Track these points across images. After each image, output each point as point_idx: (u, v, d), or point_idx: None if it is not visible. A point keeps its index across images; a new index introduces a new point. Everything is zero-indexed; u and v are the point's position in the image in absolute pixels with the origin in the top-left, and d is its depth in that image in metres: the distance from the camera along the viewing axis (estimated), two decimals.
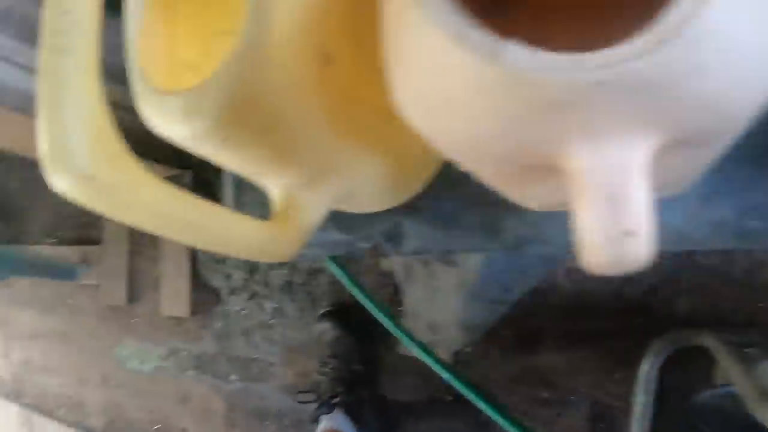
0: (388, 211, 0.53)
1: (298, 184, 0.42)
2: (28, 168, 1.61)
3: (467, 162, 0.29)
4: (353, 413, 1.14)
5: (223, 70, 0.33)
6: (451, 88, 0.23)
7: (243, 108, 0.33)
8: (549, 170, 0.24)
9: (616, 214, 0.22)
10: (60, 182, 0.29)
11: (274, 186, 0.43)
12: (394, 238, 0.54)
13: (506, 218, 0.49)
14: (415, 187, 0.51)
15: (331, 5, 0.32)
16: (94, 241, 1.89)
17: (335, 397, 1.15)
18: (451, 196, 0.51)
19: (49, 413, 2.07)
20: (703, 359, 0.91)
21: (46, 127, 0.28)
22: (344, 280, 0.72)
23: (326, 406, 1.13)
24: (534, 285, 0.88)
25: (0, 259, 1.80)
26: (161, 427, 1.70)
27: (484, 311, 0.87)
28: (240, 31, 0.32)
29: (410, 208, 0.52)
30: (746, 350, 0.79)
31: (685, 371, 1.02)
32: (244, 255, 0.39)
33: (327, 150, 0.40)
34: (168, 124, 0.36)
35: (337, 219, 0.56)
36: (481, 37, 0.21)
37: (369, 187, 0.47)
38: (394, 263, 1.04)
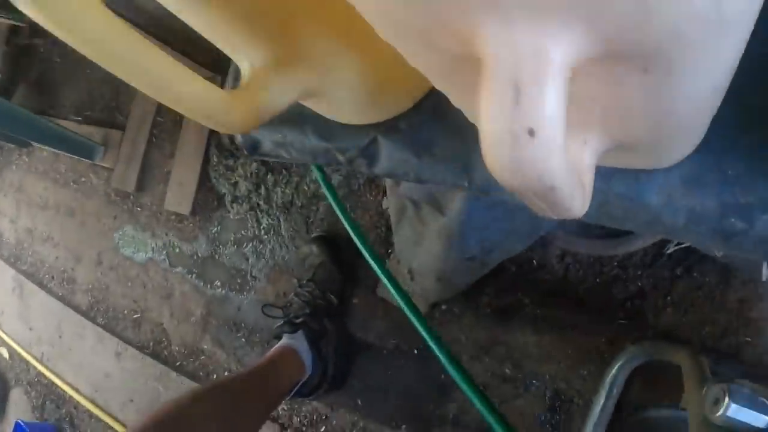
0: (368, 127, 0.51)
1: (265, 63, 0.40)
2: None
3: (390, 38, 0.26)
4: (314, 340, 1.14)
5: None
6: None
7: None
8: (472, 64, 0.21)
9: (520, 107, 0.19)
10: None
11: (245, 63, 0.41)
12: (368, 155, 0.52)
13: (481, 158, 0.46)
14: (396, 107, 0.49)
15: None
16: (119, 127, 1.90)
17: (300, 318, 1.15)
18: (431, 125, 0.48)
19: (40, 283, 2.13)
20: (673, 378, 0.88)
21: None
22: (327, 192, 0.71)
23: (290, 325, 1.13)
24: (518, 252, 0.85)
25: (27, 125, 1.81)
26: (140, 317, 1.73)
27: (461, 268, 0.84)
28: None
29: (389, 129, 0.50)
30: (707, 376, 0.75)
31: (652, 386, 0.99)
32: (192, 115, 0.37)
33: (297, 31, 0.38)
34: None
35: (318, 126, 0.54)
36: None
37: (344, 92, 0.45)
38: (389, 203, 1.02)
